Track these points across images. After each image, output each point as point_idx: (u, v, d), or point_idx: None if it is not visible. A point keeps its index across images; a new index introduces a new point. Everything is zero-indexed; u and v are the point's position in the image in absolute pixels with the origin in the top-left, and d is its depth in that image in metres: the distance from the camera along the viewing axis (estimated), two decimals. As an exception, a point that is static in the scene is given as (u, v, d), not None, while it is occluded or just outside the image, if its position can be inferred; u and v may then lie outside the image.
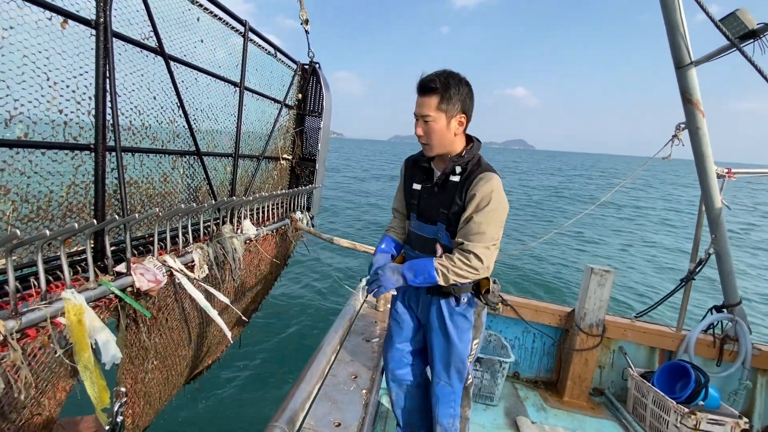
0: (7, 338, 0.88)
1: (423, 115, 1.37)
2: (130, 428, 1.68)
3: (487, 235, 1.34)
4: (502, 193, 1.37)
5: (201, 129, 1.83)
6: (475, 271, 1.34)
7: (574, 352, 2.62)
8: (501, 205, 1.36)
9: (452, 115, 1.36)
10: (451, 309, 1.54)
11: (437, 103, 1.34)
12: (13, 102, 1.01)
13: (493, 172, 1.38)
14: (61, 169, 1.18)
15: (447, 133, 1.38)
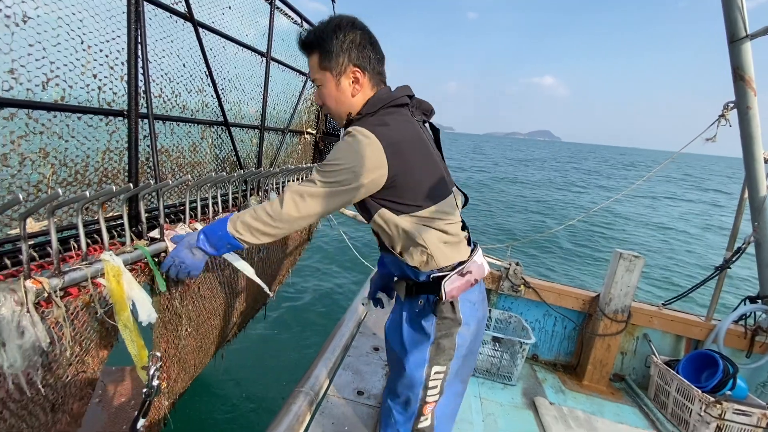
0: (51, 295, 0.91)
1: (313, 80, 1.16)
2: (166, 392, 1.77)
3: (307, 184, 1.03)
4: (356, 148, 0.99)
5: (228, 99, 1.82)
6: (270, 219, 1.03)
7: (597, 337, 2.58)
8: (342, 160, 0.99)
9: (339, 73, 1.09)
10: (410, 312, 1.22)
11: (318, 61, 1.10)
12: (49, 65, 1.02)
13: (365, 126, 1.02)
14: (97, 134, 1.19)
15: (341, 95, 1.12)
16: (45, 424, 1.09)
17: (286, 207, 1.01)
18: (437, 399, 1.17)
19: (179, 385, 1.88)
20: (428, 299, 1.16)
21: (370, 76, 1.12)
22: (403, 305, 1.25)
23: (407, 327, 1.20)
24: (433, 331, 1.14)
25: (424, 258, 1.13)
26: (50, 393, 1.05)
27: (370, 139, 0.99)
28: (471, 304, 1.18)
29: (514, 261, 2.83)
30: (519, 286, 2.80)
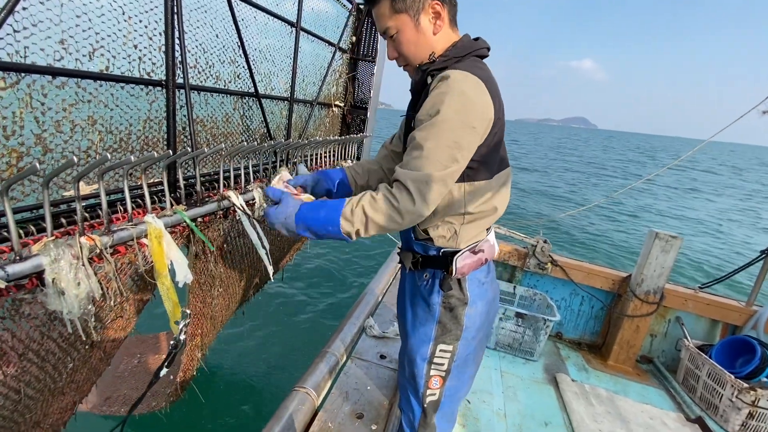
0: (102, 252, 1.00)
1: (383, 32, 1.02)
2: (199, 345, 1.91)
3: (429, 160, 0.87)
4: (468, 95, 0.88)
5: (259, 71, 1.84)
6: (399, 216, 0.90)
7: (625, 318, 2.53)
8: (457, 114, 0.87)
9: (418, 11, 0.96)
10: (413, 287, 1.17)
11: (390, 4, 0.96)
12: (94, 35, 1.07)
13: (466, 70, 0.90)
14: (138, 104, 1.25)
15: (421, 36, 0.99)
16: (82, 357, 1.22)
17: (420, 200, 0.88)
18: (444, 375, 1.12)
19: (209, 338, 2.03)
20: (434, 274, 1.10)
21: (448, 9, 1.00)
22: (407, 277, 1.21)
23: (411, 301, 1.16)
24: (438, 309, 1.09)
25: (448, 234, 1.06)
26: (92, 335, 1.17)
27: (474, 81, 0.89)
28: (479, 283, 1.11)
29: (542, 238, 2.78)
30: (546, 263, 2.76)
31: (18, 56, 0.92)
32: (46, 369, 1.05)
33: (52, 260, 0.87)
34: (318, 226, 0.95)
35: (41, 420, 1.21)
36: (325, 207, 0.96)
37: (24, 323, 0.92)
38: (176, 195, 1.33)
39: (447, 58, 0.98)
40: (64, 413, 1.33)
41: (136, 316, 1.31)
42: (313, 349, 1.70)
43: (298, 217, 0.97)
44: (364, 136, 3.07)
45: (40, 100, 0.99)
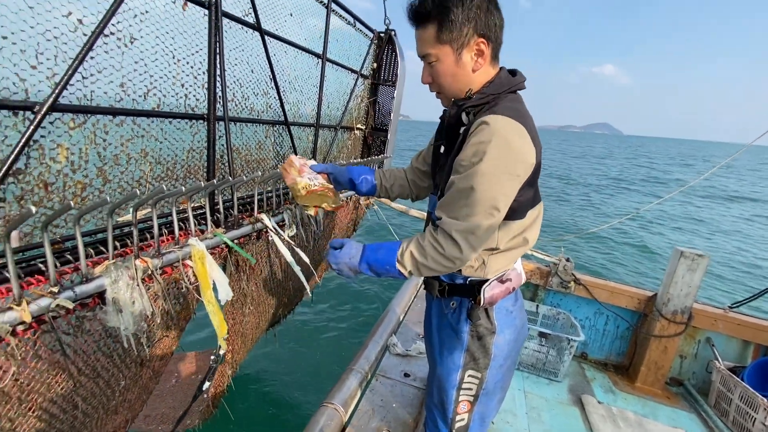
0: (153, 273, 1.09)
1: (422, 56, 1.00)
2: (230, 362, 1.99)
3: (474, 209, 0.90)
4: (511, 144, 0.88)
5: (288, 100, 1.96)
6: (449, 262, 0.95)
7: (652, 338, 2.47)
8: (501, 163, 0.88)
9: (462, 44, 0.94)
10: (440, 315, 1.18)
11: (435, 33, 0.94)
12: (149, 78, 1.20)
13: (506, 115, 0.90)
14: (183, 136, 1.37)
15: (460, 71, 0.97)
16: (134, 375, 1.30)
17: (466, 249, 0.93)
18: (472, 401, 1.14)
19: (239, 356, 2.10)
20: (461, 303, 1.11)
21: (493, 47, 0.97)
22: (433, 304, 1.22)
23: (438, 328, 1.17)
24: (466, 338, 1.10)
25: (476, 264, 1.07)
26: (141, 351, 1.26)
27: (516, 127, 0.90)
28: (507, 311, 1.13)
29: (564, 257, 2.78)
30: (569, 282, 2.74)
31: (85, 99, 1.05)
32: (101, 385, 1.13)
33: (112, 281, 0.97)
34: (379, 266, 1.04)
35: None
36: (383, 248, 1.05)
37: (85, 339, 1.01)
38: (215, 218, 1.43)
39: (484, 95, 0.97)
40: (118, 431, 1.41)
41: (180, 335, 1.39)
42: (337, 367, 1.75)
43: (363, 258, 1.06)
44: (385, 157, 3.16)
45: (103, 137, 1.11)
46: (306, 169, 1.39)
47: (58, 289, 0.88)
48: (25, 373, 0.89)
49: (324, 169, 1.39)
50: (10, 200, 0.93)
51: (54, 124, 0.98)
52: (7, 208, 0.93)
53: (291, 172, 1.38)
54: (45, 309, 0.84)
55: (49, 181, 1.00)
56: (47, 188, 1.00)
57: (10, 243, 0.77)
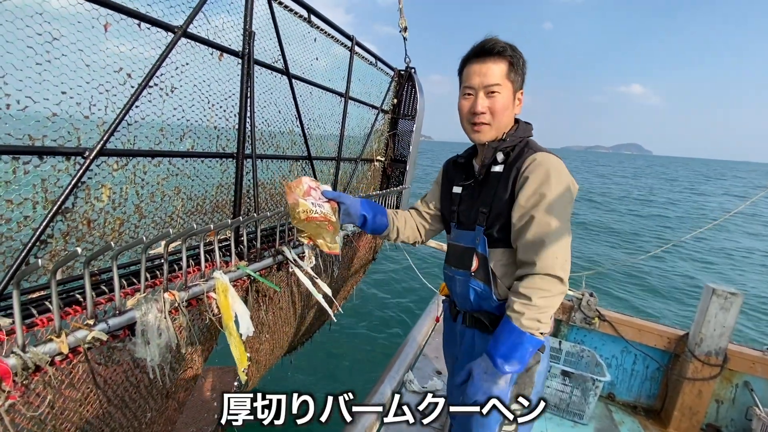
0: (179, 306, 1.15)
1: (488, 85, 1.10)
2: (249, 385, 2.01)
3: (561, 242, 1.02)
4: (566, 174, 1.06)
5: (312, 135, 2.06)
6: (561, 297, 1.04)
7: (686, 381, 2.34)
8: (567, 191, 1.04)
9: (517, 87, 1.15)
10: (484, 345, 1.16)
11: (506, 70, 1.11)
12: (185, 122, 1.30)
13: (545, 152, 1.09)
14: (213, 173, 1.46)
15: (509, 108, 1.15)
16: (159, 407, 1.33)
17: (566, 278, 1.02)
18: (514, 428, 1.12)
19: (252, 382, 2.11)
20: None
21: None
22: (475, 340, 1.19)
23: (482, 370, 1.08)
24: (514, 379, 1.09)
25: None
26: (167, 383, 1.29)
27: (559, 161, 1.08)
28: (546, 339, 1.15)
29: (588, 291, 2.70)
30: (593, 318, 2.66)
31: (129, 143, 1.15)
32: (128, 416, 1.17)
33: (142, 314, 1.02)
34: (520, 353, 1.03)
35: None
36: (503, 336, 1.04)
37: (114, 370, 1.06)
38: (239, 250, 1.49)
39: (515, 138, 1.14)
40: None
41: (202, 365, 1.43)
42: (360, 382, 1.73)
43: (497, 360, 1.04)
44: (403, 188, 3.22)
45: (141, 177, 1.20)
46: (315, 192, 1.32)
47: (94, 321, 0.94)
48: (60, 402, 0.94)
49: (337, 196, 1.35)
50: (57, 236, 1.01)
51: (100, 167, 1.07)
52: (53, 244, 1.01)
53: (295, 191, 1.30)
54: (81, 341, 0.90)
55: (92, 218, 1.09)
56: (89, 225, 1.09)
57: (56, 279, 0.84)
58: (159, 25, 1.13)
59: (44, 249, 0.98)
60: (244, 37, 1.40)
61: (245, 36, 1.40)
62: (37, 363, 0.83)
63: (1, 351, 0.84)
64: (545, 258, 1.01)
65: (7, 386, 0.79)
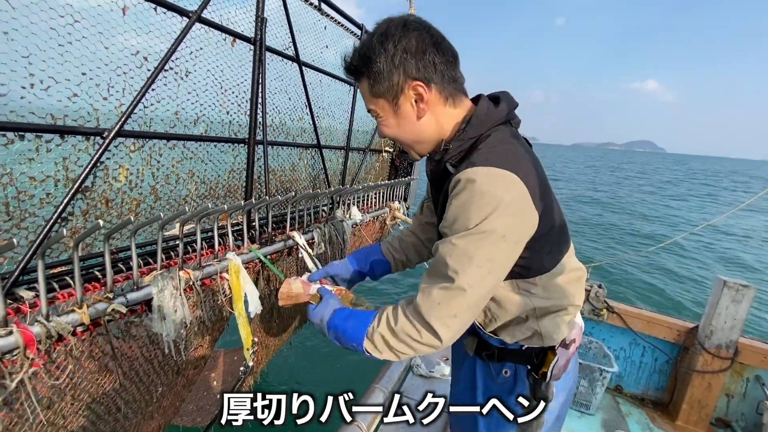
0: (194, 284, 1.18)
1: (368, 112, 0.94)
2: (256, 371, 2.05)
3: (458, 291, 0.75)
4: (493, 201, 0.72)
5: (321, 125, 2.08)
6: (427, 348, 0.81)
7: (695, 374, 2.33)
8: (488, 228, 0.72)
9: (396, 93, 0.84)
10: (487, 378, 1.01)
11: (369, 88, 0.87)
12: (199, 106, 1.33)
13: (489, 164, 0.75)
14: (225, 158, 1.49)
15: (403, 122, 0.87)
16: (170, 383, 1.37)
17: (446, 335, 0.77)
18: None
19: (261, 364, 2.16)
20: (516, 370, 0.96)
21: (438, 88, 0.85)
22: (477, 367, 1.03)
23: (484, 393, 1.00)
24: (517, 408, 0.94)
25: (528, 334, 0.93)
26: (180, 359, 1.33)
27: (506, 179, 0.74)
28: (567, 373, 0.98)
29: (596, 283, 2.69)
30: (601, 309, 2.65)
31: (145, 126, 1.18)
32: (141, 390, 1.21)
33: (159, 290, 1.05)
34: (345, 339, 0.89)
35: None
36: (353, 319, 0.90)
37: (130, 345, 1.10)
38: (251, 234, 1.52)
39: (462, 141, 0.84)
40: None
41: (213, 345, 1.47)
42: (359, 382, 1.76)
43: (329, 324, 0.93)
44: (411, 179, 3.23)
45: (157, 159, 1.23)
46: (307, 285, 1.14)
47: (113, 295, 0.98)
48: (79, 372, 0.98)
49: (323, 273, 1.20)
50: (77, 214, 1.05)
51: (118, 148, 1.10)
52: (74, 221, 1.04)
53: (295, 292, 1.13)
54: (102, 313, 0.93)
55: (110, 198, 1.12)
56: (108, 204, 1.12)
57: (78, 252, 0.87)
58: (174, 10, 1.15)
59: (65, 226, 1.02)
60: (257, 23, 1.42)
61: (257, 22, 1.42)
62: (60, 332, 0.86)
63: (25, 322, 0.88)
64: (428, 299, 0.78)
65: (31, 353, 0.83)
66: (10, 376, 0.81)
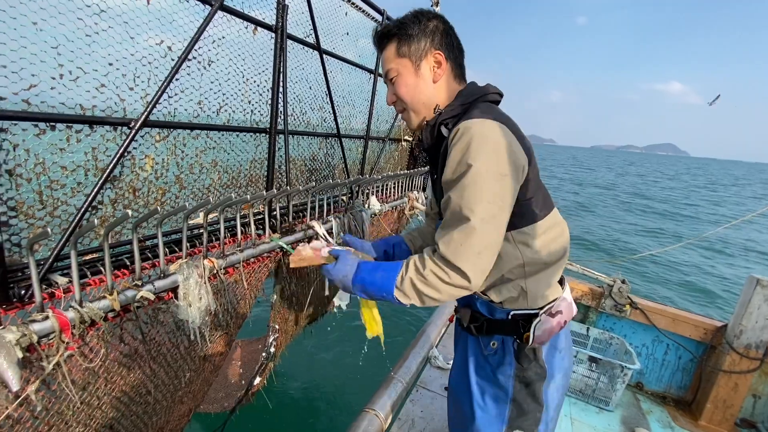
0: (218, 272, 1.20)
1: (386, 73, 1.01)
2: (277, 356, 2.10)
3: (472, 227, 0.80)
4: (492, 142, 0.81)
5: (341, 114, 2.06)
6: (458, 291, 0.83)
7: (721, 373, 2.25)
8: (486, 166, 0.80)
9: (420, 56, 0.95)
10: (478, 356, 1.02)
11: (395, 48, 0.97)
12: (222, 96, 1.33)
13: (482, 117, 0.84)
14: (247, 147, 1.49)
15: (420, 82, 0.97)
16: (197, 368, 1.41)
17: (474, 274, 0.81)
18: None
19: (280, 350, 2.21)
20: (504, 342, 0.96)
21: (452, 65, 0.98)
22: (469, 344, 1.05)
23: (477, 371, 1.00)
24: (511, 386, 0.95)
25: (515, 293, 0.95)
26: (204, 345, 1.37)
27: (494, 125, 0.83)
28: (557, 351, 0.99)
29: (620, 278, 2.62)
30: (624, 305, 2.58)
31: (170, 116, 1.19)
32: (170, 374, 1.25)
33: (185, 278, 1.08)
34: (375, 290, 0.90)
35: (164, 425, 1.41)
36: (381, 268, 0.91)
37: (158, 330, 1.13)
38: (272, 224, 1.54)
39: (453, 107, 0.95)
40: (182, 419, 1.53)
41: (236, 332, 1.50)
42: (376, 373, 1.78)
43: (355, 278, 0.93)
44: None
45: (181, 149, 1.24)
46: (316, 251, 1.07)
47: (141, 283, 1.00)
48: (111, 356, 1.01)
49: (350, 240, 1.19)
50: (106, 202, 1.07)
51: (144, 138, 1.12)
52: (103, 210, 1.07)
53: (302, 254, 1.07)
54: (131, 299, 0.96)
55: (137, 187, 1.14)
56: (135, 193, 1.14)
57: (108, 241, 0.90)
58: (197, -2, 1.14)
59: (95, 214, 1.04)
60: (278, 10, 1.40)
61: (278, 9, 1.40)
62: (93, 317, 0.89)
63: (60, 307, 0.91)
64: (450, 243, 0.82)
65: (66, 337, 0.86)
66: (47, 358, 0.85)
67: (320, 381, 3.53)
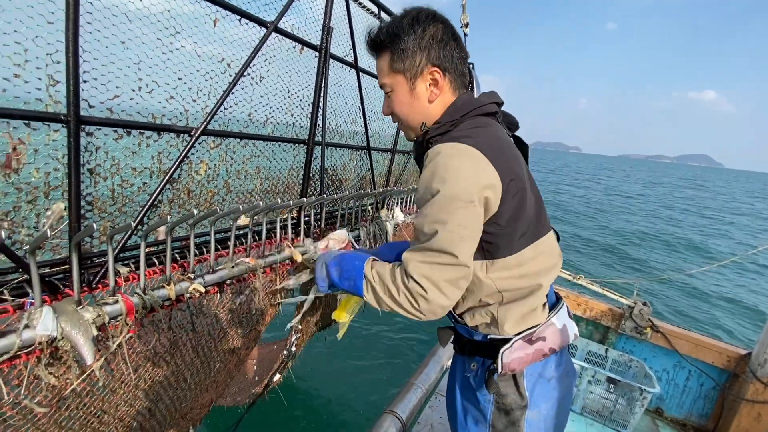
0: (257, 271, 1.29)
1: (381, 86, 0.97)
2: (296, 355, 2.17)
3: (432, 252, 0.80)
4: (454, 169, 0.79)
5: (371, 128, 2.17)
6: (415, 303, 0.82)
7: (744, 402, 2.21)
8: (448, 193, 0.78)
9: (416, 73, 0.90)
10: (463, 372, 1.00)
11: (389, 62, 0.91)
12: (269, 110, 1.44)
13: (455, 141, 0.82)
14: (287, 157, 1.60)
15: (415, 102, 0.92)
16: (225, 360, 1.50)
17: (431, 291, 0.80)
18: None
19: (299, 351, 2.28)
20: (483, 364, 0.94)
21: (451, 78, 0.92)
22: (457, 361, 1.05)
23: (461, 396, 1.00)
24: (489, 409, 0.92)
25: (487, 319, 0.91)
26: (234, 339, 1.45)
27: (463, 150, 0.80)
28: (544, 380, 0.93)
29: (641, 300, 2.61)
30: (645, 328, 2.56)
31: (224, 125, 1.30)
32: (204, 364, 1.34)
33: (230, 275, 1.17)
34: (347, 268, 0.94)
35: (188, 412, 1.50)
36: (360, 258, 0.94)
37: (200, 321, 1.23)
38: (304, 229, 1.63)
39: (440, 125, 0.91)
40: (203, 410, 1.62)
41: (264, 329, 1.58)
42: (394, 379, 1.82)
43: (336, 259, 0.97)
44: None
45: (231, 156, 1.35)
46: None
47: (194, 276, 1.10)
48: (161, 342, 1.11)
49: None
50: (165, 202, 1.18)
51: (201, 145, 1.23)
52: (161, 208, 1.18)
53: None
54: (184, 290, 1.06)
55: (191, 189, 1.25)
56: (189, 194, 1.25)
57: (170, 236, 1.00)
58: (255, 21, 1.26)
59: (155, 212, 1.15)
60: (323, 32, 1.52)
61: (324, 31, 1.52)
62: (153, 305, 0.99)
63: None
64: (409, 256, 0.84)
65: (130, 320, 0.96)
66: (112, 338, 0.94)
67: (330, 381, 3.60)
